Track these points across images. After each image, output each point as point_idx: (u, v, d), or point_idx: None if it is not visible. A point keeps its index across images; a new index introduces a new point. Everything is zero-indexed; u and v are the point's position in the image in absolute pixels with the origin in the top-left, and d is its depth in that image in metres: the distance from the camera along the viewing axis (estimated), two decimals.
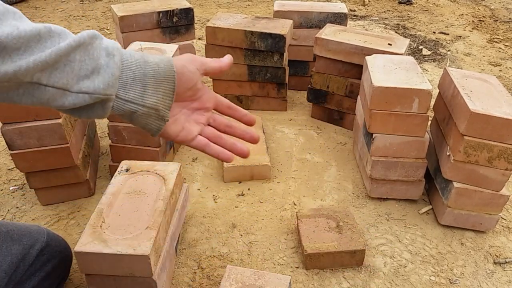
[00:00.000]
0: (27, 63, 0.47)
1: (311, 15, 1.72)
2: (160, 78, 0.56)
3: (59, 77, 0.50)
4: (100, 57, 0.52)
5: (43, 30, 0.49)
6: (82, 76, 0.51)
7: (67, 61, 0.50)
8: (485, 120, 1.01)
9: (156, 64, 0.56)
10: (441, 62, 2.24)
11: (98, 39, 0.53)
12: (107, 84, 0.52)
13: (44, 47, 0.48)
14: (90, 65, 0.52)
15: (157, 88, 0.56)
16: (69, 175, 1.19)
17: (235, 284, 0.83)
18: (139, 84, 0.55)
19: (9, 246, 0.80)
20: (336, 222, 1.10)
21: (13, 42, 0.46)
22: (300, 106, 1.80)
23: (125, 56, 0.54)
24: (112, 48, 0.54)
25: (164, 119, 0.59)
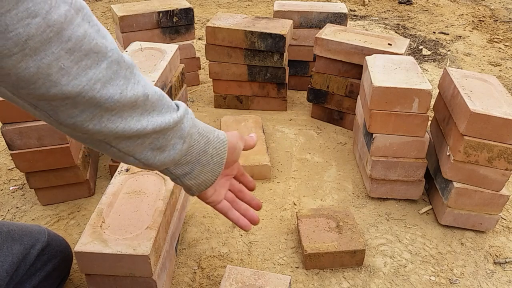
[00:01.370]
0: (110, 130, 0.50)
1: (311, 15, 1.72)
2: (208, 168, 0.64)
3: (128, 145, 0.54)
4: (172, 138, 0.57)
5: (141, 98, 0.51)
6: (149, 148, 0.56)
7: (144, 138, 0.54)
8: (485, 120, 1.01)
9: (211, 156, 0.64)
10: (441, 62, 2.24)
11: (180, 123, 0.57)
12: (164, 163, 0.59)
13: (133, 117, 0.51)
14: (160, 143, 0.56)
15: (199, 176, 0.64)
16: (69, 175, 1.19)
17: (235, 284, 0.83)
18: (188, 167, 0.62)
19: (10, 246, 0.80)
20: (336, 222, 1.10)
21: (110, 105, 0.48)
22: (300, 106, 1.80)
23: (193, 143, 0.61)
24: (188, 133, 0.59)
25: (194, 193, 0.68)
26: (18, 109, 1.05)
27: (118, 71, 0.49)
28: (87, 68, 0.45)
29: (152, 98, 0.53)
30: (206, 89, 1.91)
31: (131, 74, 0.51)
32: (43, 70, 0.42)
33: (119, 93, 0.48)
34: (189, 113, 0.61)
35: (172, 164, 0.60)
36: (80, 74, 0.45)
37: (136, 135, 0.53)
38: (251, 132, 1.47)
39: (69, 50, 0.43)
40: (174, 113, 0.57)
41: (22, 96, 0.45)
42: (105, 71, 0.47)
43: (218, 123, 1.64)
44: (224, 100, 1.73)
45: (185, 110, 0.59)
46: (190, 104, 1.78)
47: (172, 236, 0.98)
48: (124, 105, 0.50)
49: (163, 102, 0.56)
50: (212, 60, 1.63)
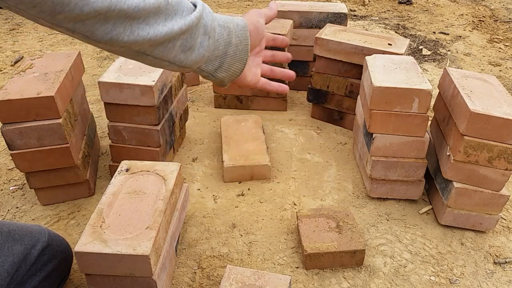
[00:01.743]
0: (143, 38, 0.54)
1: (311, 15, 1.72)
2: (236, 58, 0.67)
3: (161, 51, 0.58)
4: (198, 36, 0.61)
5: (163, 3, 0.55)
6: (180, 51, 0.60)
7: (173, 41, 0.58)
8: (485, 120, 1.01)
9: (236, 46, 0.66)
10: (441, 62, 2.24)
11: (201, 19, 0.61)
12: (196, 62, 0.62)
13: (159, 22, 0.55)
14: (189, 43, 0.60)
15: (230, 67, 0.67)
16: (69, 175, 1.19)
17: (235, 284, 0.83)
18: (218, 61, 0.66)
19: (11, 246, 0.80)
20: (336, 222, 1.10)
21: (136, 14, 0.52)
22: (300, 106, 1.80)
23: (217, 37, 0.64)
24: (210, 27, 0.62)
25: (226, 84, 0.71)
26: (18, 109, 1.05)
27: None
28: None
29: (172, 2, 0.57)
30: (206, 89, 1.91)
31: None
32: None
33: (142, 1, 0.52)
34: (206, 8, 0.63)
35: (203, 61, 0.63)
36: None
37: (167, 39, 0.57)
38: (251, 132, 1.47)
39: None
40: (194, 13, 0.60)
41: (60, 23, 0.48)
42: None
43: (218, 123, 1.64)
44: (224, 100, 1.73)
45: (202, 6, 0.62)
46: (190, 104, 1.78)
47: (172, 236, 0.98)
48: (149, 12, 0.53)
49: (182, 5, 0.59)
50: None
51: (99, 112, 1.70)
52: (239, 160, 1.33)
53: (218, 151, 1.48)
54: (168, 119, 1.30)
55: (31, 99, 1.05)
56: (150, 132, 1.23)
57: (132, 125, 1.23)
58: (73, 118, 1.20)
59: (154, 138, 1.25)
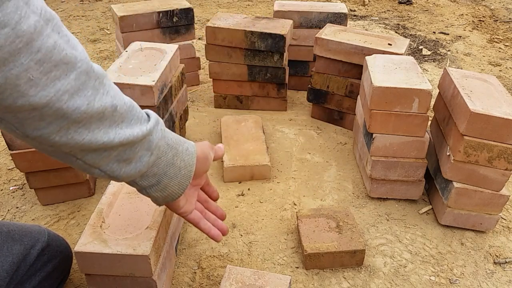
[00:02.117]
0: (76, 142, 0.49)
1: (311, 15, 1.72)
2: (176, 181, 0.63)
3: (94, 158, 0.53)
4: (139, 151, 0.56)
5: (109, 110, 0.51)
6: (115, 161, 0.55)
7: (109, 150, 0.53)
8: (485, 120, 1.01)
9: (179, 169, 0.63)
10: (441, 62, 2.24)
11: (148, 136, 0.57)
12: (130, 176, 0.58)
13: (101, 128, 0.51)
14: (127, 155, 0.56)
15: (166, 188, 0.63)
16: (69, 175, 1.19)
17: (235, 284, 0.83)
18: (155, 179, 0.61)
19: (10, 246, 0.80)
20: (336, 222, 1.10)
21: (76, 116, 0.48)
22: (300, 106, 1.80)
23: (160, 154, 0.60)
24: (155, 145, 0.58)
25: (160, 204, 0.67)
26: None
27: (87, 82, 0.48)
28: (56, 79, 0.45)
29: (121, 109, 0.53)
30: (206, 89, 1.91)
31: (100, 84, 0.50)
32: (11, 80, 0.42)
33: (86, 104, 0.48)
34: (159, 124, 0.60)
35: (138, 176, 0.59)
36: (49, 85, 0.44)
37: (103, 148, 0.52)
38: (251, 132, 1.47)
39: (38, 61, 0.43)
40: (143, 125, 0.57)
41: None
42: (73, 82, 0.46)
43: (218, 123, 1.64)
44: (224, 100, 1.73)
45: (155, 121, 0.59)
46: (190, 104, 1.78)
47: (172, 236, 0.98)
48: (92, 117, 0.49)
49: (132, 113, 0.55)
50: (212, 60, 1.63)
51: None
52: (239, 160, 1.33)
53: None
54: (168, 119, 1.30)
55: None
56: None
57: None
58: None
59: None
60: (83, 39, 2.45)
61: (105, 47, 2.35)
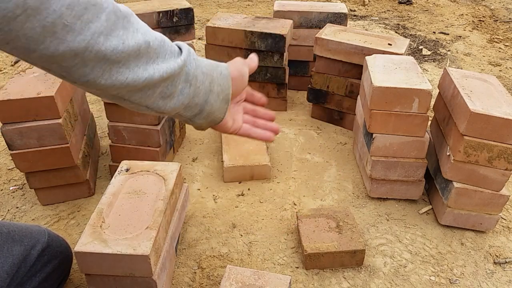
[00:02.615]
0: (121, 82, 0.51)
1: (311, 15, 1.72)
2: (216, 106, 0.65)
3: (140, 96, 0.56)
4: (179, 84, 0.58)
5: (143, 46, 0.52)
6: (159, 97, 0.57)
7: (153, 88, 0.56)
8: (485, 120, 1.01)
9: (217, 94, 0.64)
10: (441, 62, 2.24)
11: (184, 67, 0.58)
12: (174, 108, 0.60)
13: (140, 66, 0.53)
14: (169, 91, 0.58)
15: (209, 115, 0.65)
16: (69, 175, 1.19)
17: (235, 284, 0.83)
18: (197, 109, 0.63)
19: (10, 247, 0.80)
20: (336, 222, 1.10)
21: (115, 57, 0.49)
22: (300, 106, 1.80)
23: (198, 84, 0.61)
24: (193, 75, 0.60)
25: (204, 129, 0.69)
26: (18, 109, 1.05)
27: (117, 22, 0.49)
28: (89, 22, 0.46)
29: (153, 44, 0.54)
30: None
31: (129, 23, 0.51)
32: (49, 28, 0.43)
33: (121, 43, 0.49)
34: (191, 54, 0.61)
35: (182, 108, 0.61)
36: (84, 28, 0.46)
37: (146, 85, 0.54)
38: None
39: (69, 6, 0.44)
40: (178, 58, 0.58)
41: (35, 61, 0.46)
42: (105, 23, 0.48)
43: None
44: None
45: (187, 52, 0.60)
46: None
47: (172, 236, 0.98)
48: (129, 55, 0.51)
49: (165, 48, 0.57)
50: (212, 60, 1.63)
51: (99, 112, 1.70)
52: (239, 160, 1.33)
53: (218, 151, 1.48)
54: (168, 119, 1.30)
55: (31, 99, 1.05)
56: (150, 132, 1.23)
57: (132, 125, 1.23)
58: (73, 118, 1.19)
59: (154, 138, 1.25)
60: None
61: None
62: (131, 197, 0.94)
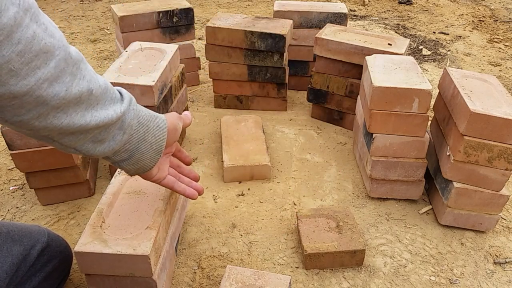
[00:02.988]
0: (55, 126, 0.51)
1: (311, 15, 1.72)
2: (147, 155, 0.66)
3: (70, 140, 0.56)
4: (113, 131, 0.59)
5: (85, 94, 0.52)
6: (90, 141, 0.58)
7: (86, 132, 0.56)
8: (485, 120, 1.01)
9: (150, 144, 0.66)
10: (441, 62, 2.24)
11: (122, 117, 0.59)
12: (103, 153, 0.60)
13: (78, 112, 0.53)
14: (102, 137, 0.58)
15: (138, 162, 0.66)
16: (69, 175, 1.19)
17: (235, 284, 0.83)
18: (127, 154, 0.65)
19: (10, 246, 0.80)
20: (336, 222, 1.10)
21: (56, 103, 0.49)
22: (300, 106, 1.80)
23: (132, 132, 0.62)
24: (128, 124, 0.60)
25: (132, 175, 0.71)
26: None
27: (65, 68, 0.49)
28: (36, 69, 0.46)
29: (96, 92, 0.54)
30: (206, 89, 1.91)
31: (78, 69, 0.51)
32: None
33: (64, 90, 0.49)
34: (132, 103, 0.62)
35: (111, 153, 0.62)
36: (29, 74, 0.45)
37: (79, 131, 0.54)
38: (251, 132, 1.47)
39: (19, 53, 0.43)
40: (117, 106, 0.58)
41: None
42: (53, 70, 0.47)
43: (218, 123, 1.64)
44: (224, 100, 1.73)
45: (128, 102, 0.60)
46: (190, 104, 1.78)
47: (172, 236, 0.98)
48: (70, 102, 0.50)
49: (107, 95, 0.57)
50: (212, 60, 1.63)
51: None
52: (239, 160, 1.33)
53: (218, 151, 1.48)
54: None
55: None
56: None
57: None
58: None
59: None
60: (83, 39, 2.45)
61: (105, 47, 2.35)
62: (131, 197, 0.94)
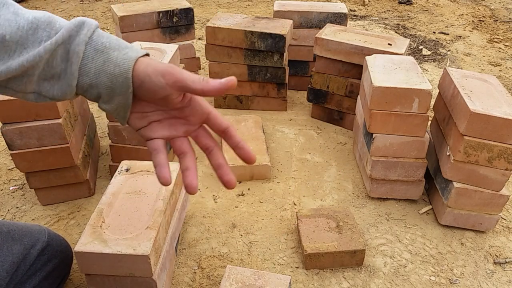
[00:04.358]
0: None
1: (311, 15, 1.72)
2: (117, 91, 0.53)
3: (17, 84, 0.50)
4: (58, 65, 0.51)
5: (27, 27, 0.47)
6: (41, 80, 0.51)
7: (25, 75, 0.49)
8: (485, 120, 1.01)
9: (115, 76, 0.53)
10: (441, 62, 2.24)
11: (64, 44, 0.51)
12: (65, 91, 0.52)
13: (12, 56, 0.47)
14: (49, 73, 0.51)
15: (111, 100, 0.54)
16: (69, 175, 1.19)
17: (235, 284, 0.83)
18: (94, 90, 0.54)
19: (10, 246, 0.80)
20: (336, 222, 1.10)
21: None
22: (300, 106, 1.80)
23: (84, 61, 0.52)
24: (72, 51, 0.51)
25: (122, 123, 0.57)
26: (18, 109, 1.05)
27: None
28: None
29: (12, 37, 0.47)
30: None
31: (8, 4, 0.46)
32: None
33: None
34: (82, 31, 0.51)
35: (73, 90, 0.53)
36: None
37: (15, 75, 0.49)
38: (251, 132, 1.47)
39: None
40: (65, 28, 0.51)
41: None
42: None
43: None
44: (224, 100, 1.73)
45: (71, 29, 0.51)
46: None
47: (172, 236, 0.98)
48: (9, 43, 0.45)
49: (36, 36, 0.49)
50: (212, 60, 1.63)
51: (99, 112, 1.70)
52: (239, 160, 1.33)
53: None
54: None
55: None
56: None
57: None
58: (73, 118, 1.20)
59: None
60: None
61: None
62: (131, 197, 0.94)
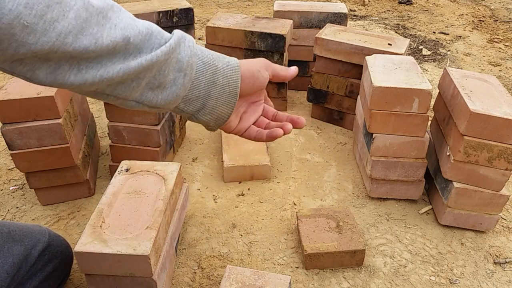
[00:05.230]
0: (93, 77, 0.46)
1: (311, 15, 1.72)
2: (221, 101, 0.58)
3: (123, 90, 0.50)
4: (169, 73, 0.52)
5: (120, 43, 0.47)
6: (147, 89, 0.52)
7: (136, 78, 0.50)
8: (485, 120, 1.01)
9: (223, 87, 0.57)
10: (441, 62, 2.24)
11: (175, 52, 0.52)
12: (169, 101, 0.54)
13: (115, 61, 0.47)
14: (158, 81, 0.52)
15: (214, 110, 0.58)
16: (69, 175, 1.19)
17: (235, 284, 0.83)
18: (200, 102, 0.57)
19: (11, 246, 0.80)
20: (336, 222, 1.10)
21: (87, 55, 0.45)
22: (300, 106, 1.80)
23: (196, 74, 0.55)
24: (187, 63, 0.53)
25: (213, 128, 0.61)
26: (18, 109, 1.05)
27: (89, 19, 0.44)
28: (54, 22, 0.41)
29: (135, 40, 0.48)
30: None
31: (105, 18, 0.46)
32: (6, 30, 0.38)
33: (94, 43, 0.44)
34: (186, 41, 0.54)
35: (178, 101, 0.55)
36: (48, 29, 0.41)
37: (126, 77, 0.49)
38: None
39: (27, 5, 0.39)
40: (173, 39, 0.52)
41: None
42: (74, 22, 0.43)
43: None
44: None
45: (178, 39, 0.53)
46: None
47: (172, 236, 0.98)
48: (102, 53, 0.46)
49: (151, 41, 0.50)
50: None
51: (99, 112, 1.70)
52: (239, 160, 1.33)
53: (218, 151, 1.48)
54: (168, 119, 1.30)
55: (31, 99, 1.05)
56: (150, 132, 1.23)
57: (132, 125, 1.23)
58: (73, 118, 1.20)
59: (154, 138, 1.25)
60: None
61: None
62: (131, 197, 0.94)
